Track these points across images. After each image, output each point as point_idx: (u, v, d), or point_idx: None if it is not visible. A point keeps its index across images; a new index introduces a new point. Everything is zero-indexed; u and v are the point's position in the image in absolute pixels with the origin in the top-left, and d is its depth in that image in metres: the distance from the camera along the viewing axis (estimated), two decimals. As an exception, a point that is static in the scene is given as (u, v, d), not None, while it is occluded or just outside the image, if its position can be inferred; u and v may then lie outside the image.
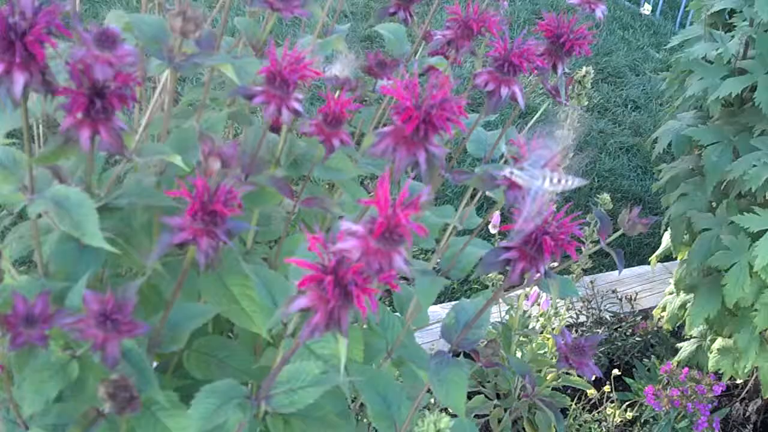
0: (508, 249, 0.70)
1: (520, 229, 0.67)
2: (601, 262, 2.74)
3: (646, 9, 4.89)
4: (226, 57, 0.79)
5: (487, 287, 2.11)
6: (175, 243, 0.68)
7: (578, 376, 1.81)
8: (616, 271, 2.35)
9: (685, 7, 4.86)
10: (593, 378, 1.74)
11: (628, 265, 2.82)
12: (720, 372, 2.01)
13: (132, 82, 0.62)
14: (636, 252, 2.95)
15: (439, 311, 2.38)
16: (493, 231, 1.89)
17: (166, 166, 0.89)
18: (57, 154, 0.67)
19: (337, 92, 0.87)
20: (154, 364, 0.98)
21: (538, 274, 0.70)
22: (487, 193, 0.92)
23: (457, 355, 0.93)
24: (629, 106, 3.94)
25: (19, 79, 0.58)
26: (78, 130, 0.63)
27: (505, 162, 0.95)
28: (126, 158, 0.77)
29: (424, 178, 0.59)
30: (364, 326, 1.03)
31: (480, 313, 0.83)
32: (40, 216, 0.81)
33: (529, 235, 0.68)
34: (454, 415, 0.84)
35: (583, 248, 1.58)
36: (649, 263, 2.52)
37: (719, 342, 2.04)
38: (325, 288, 0.55)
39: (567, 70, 0.93)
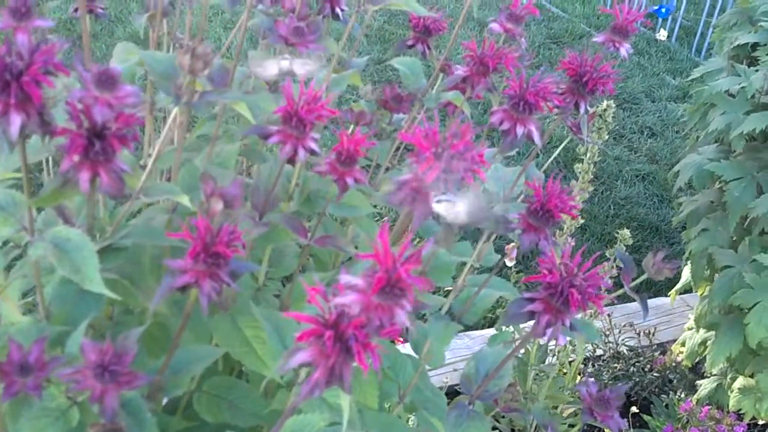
0: (532, 300, 0.66)
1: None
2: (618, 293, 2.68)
3: (662, 35, 4.86)
4: (240, 94, 0.76)
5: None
6: (177, 286, 0.64)
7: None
8: (633, 303, 2.29)
9: (701, 34, 4.83)
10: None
11: (645, 297, 2.76)
12: (741, 412, 1.95)
13: (134, 123, 0.59)
14: (653, 283, 2.89)
15: (455, 342, 2.33)
16: (509, 263, 1.85)
17: (177, 203, 0.86)
18: (56, 195, 0.64)
19: (351, 128, 0.84)
20: (164, 400, 0.94)
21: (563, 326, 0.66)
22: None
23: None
24: (645, 133, 3.90)
25: (16, 120, 0.55)
26: (77, 172, 0.60)
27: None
28: (129, 199, 0.74)
29: (443, 230, 0.56)
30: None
31: (502, 364, 0.79)
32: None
33: (554, 287, 0.64)
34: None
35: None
36: (666, 295, 2.47)
37: (740, 381, 1.98)
38: (325, 343, 0.52)
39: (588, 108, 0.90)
